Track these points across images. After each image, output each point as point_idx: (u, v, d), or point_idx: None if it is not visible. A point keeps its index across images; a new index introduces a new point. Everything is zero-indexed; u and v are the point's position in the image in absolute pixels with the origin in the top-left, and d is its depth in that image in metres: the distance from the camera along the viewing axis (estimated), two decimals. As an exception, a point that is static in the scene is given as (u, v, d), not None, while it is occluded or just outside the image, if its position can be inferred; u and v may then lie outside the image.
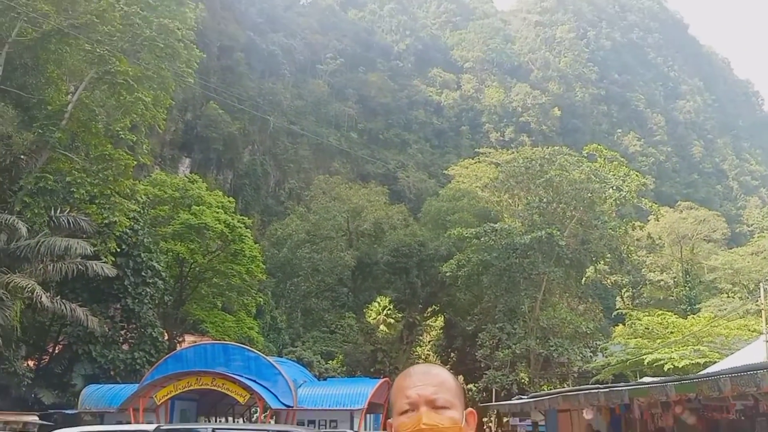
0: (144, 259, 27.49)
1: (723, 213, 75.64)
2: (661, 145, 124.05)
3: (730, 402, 15.13)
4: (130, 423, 20.30)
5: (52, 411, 23.02)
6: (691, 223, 57.33)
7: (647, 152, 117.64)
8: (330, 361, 40.88)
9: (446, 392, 1.53)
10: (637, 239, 48.37)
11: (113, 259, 24.30)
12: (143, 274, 27.45)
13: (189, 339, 32.84)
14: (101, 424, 21.65)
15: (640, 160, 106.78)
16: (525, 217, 40.97)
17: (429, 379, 1.54)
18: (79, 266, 21.43)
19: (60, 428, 18.10)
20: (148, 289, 27.73)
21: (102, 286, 25.97)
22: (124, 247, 26.01)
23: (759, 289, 27.67)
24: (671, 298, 45.13)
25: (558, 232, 36.46)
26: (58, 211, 21.99)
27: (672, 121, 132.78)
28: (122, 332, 28.03)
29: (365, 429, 22.59)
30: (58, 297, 21.87)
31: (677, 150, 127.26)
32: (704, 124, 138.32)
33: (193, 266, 34.52)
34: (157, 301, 29.20)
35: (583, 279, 41.67)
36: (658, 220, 49.18)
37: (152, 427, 14.06)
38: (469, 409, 1.58)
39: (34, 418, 19.64)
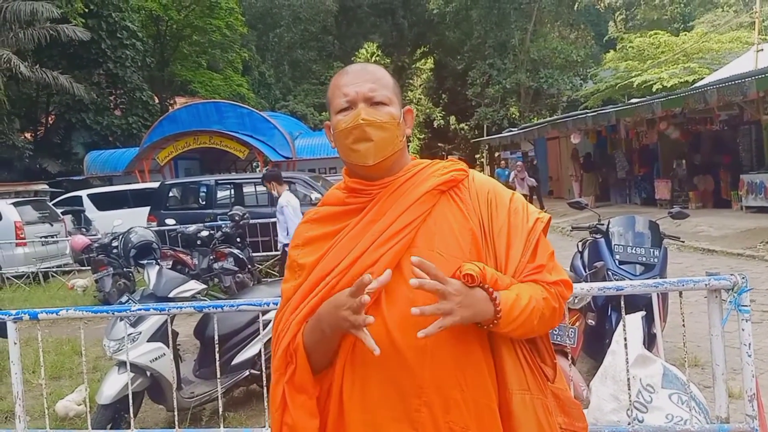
0: (116, 18, 26.16)
1: None
2: None
3: (714, 113, 15.64)
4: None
5: (60, 179, 23.82)
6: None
7: None
8: (324, 113, 41.22)
9: (384, 89, 1.51)
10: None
11: (83, 21, 23.19)
12: (119, 35, 26.36)
13: (180, 101, 32.63)
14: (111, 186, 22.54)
15: None
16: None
17: (366, 76, 1.51)
18: (51, 31, 20.52)
19: (70, 193, 18.99)
20: (128, 52, 26.85)
21: (79, 52, 25.07)
22: (92, 7, 24.64)
23: (756, -2, 26.73)
24: (665, 17, 43.65)
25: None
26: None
27: None
28: (111, 98, 27.82)
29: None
30: (37, 66, 21.33)
31: None
32: None
33: (169, 24, 33.03)
34: (139, 64, 28.47)
35: (576, 5, 40.07)
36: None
37: (157, 184, 14.69)
38: (408, 106, 1.58)
39: (44, 186, 20.43)
